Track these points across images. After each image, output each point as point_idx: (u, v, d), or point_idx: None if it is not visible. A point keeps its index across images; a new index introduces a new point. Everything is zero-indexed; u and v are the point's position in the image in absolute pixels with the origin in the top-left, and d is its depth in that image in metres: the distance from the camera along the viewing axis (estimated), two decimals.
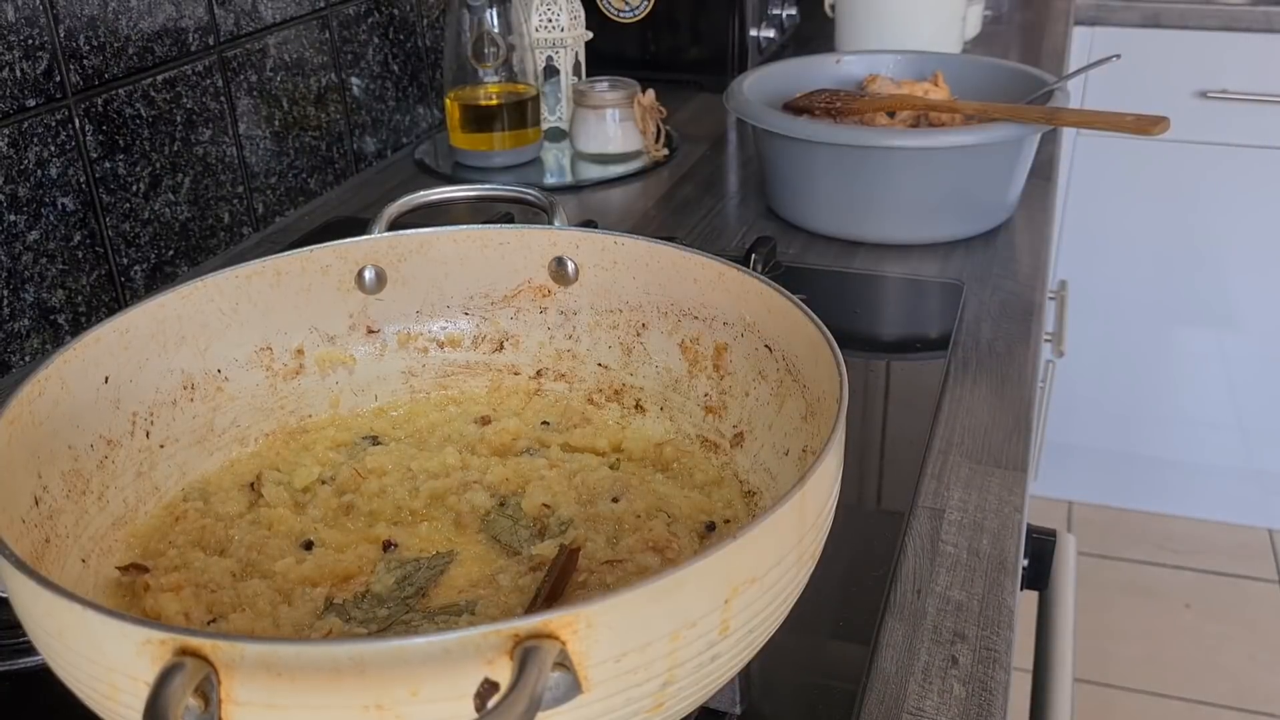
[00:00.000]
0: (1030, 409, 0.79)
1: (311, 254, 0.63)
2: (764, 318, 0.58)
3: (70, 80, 0.85)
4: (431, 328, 0.67)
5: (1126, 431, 2.22)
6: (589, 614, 0.34)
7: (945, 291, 0.95)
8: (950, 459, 0.73)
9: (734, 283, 0.60)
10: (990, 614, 0.60)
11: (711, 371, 0.62)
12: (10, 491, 0.46)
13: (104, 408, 0.55)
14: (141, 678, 0.35)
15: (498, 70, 1.20)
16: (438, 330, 0.67)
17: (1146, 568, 2.13)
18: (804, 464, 0.55)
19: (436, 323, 0.67)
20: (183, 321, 0.59)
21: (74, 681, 0.39)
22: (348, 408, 0.66)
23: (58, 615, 0.37)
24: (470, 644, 0.33)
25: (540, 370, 0.67)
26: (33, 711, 0.54)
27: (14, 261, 0.82)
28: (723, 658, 0.40)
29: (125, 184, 0.91)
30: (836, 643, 0.58)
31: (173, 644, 0.34)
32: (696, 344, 0.62)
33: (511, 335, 0.67)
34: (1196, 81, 1.93)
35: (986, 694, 0.55)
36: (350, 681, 0.34)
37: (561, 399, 0.66)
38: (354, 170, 1.23)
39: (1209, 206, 2.01)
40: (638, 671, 0.37)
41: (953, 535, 0.66)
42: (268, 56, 1.06)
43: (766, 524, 0.39)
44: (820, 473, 0.42)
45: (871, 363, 0.85)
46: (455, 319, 0.67)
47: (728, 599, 0.38)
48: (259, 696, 0.34)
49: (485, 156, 1.23)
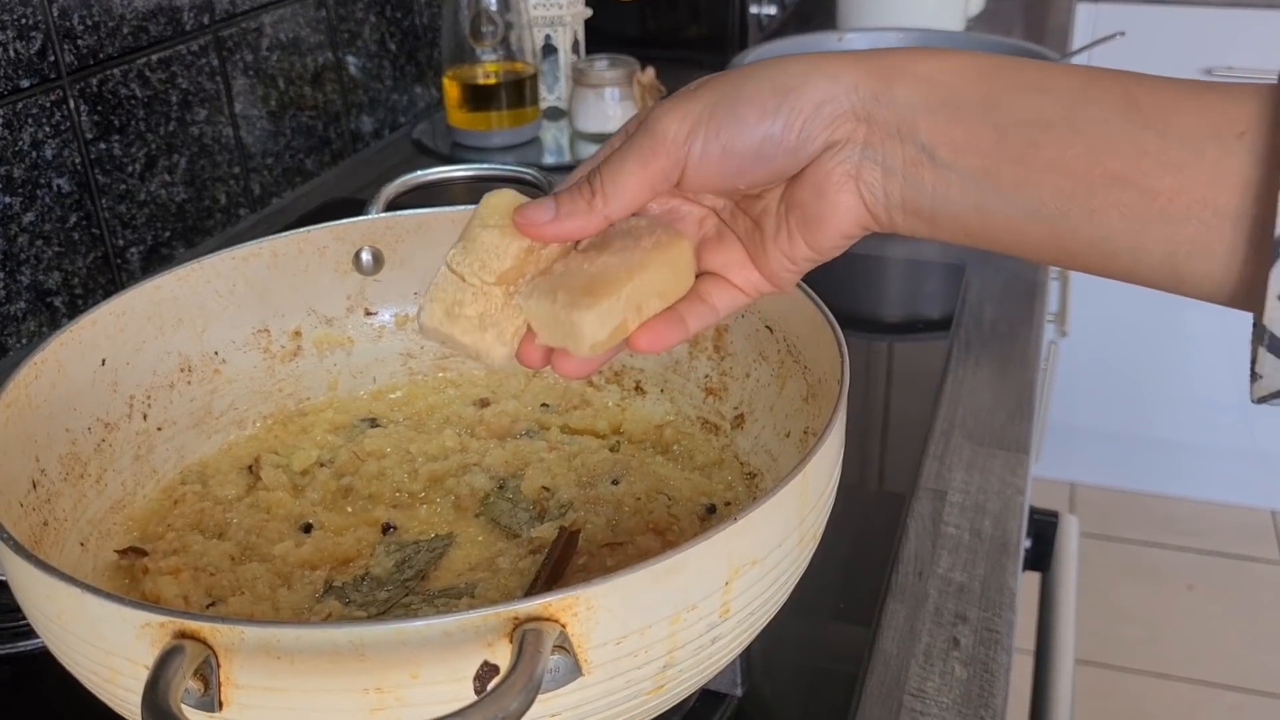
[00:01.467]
0: (1033, 390, 0.79)
1: (309, 235, 0.62)
2: (765, 299, 0.58)
3: (64, 60, 0.84)
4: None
5: (1129, 412, 2.22)
6: (589, 596, 0.34)
7: (948, 272, 0.95)
8: (952, 440, 0.72)
9: None
10: (992, 595, 0.60)
11: (712, 353, 0.62)
12: (8, 475, 0.46)
13: (101, 391, 0.54)
14: (141, 661, 0.35)
15: (496, 49, 1.19)
16: None
17: (1149, 549, 2.13)
18: (805, 446, 0.54)
19: None
20: (179, 304, 0.59)
21: (74, 665, 0.39)
22: (346, 390, 0.65)
23: (57, 599, 0.37)
24: (470, 627, 0.33)
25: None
26: (34, 695, 0.54)
27: (9, 244, 0.82)
28: (723, 640, 0.40)
29: (121, 165, 0.91)
30: (838, 625, 0.58)
31: (172, 627, 0.34)
32: None
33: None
34: (1202, 58, 1.92)
35: (988, 675, 0.55)
36: (349, 664, 0.34)
37: (560, 381, 0.66)
38: (351, 150, 1.22)
39: None
40: (638, 654, 0.36)
41: (955, 517, 0.66)
42: (263, 35, 1.06)
43: (767, 506, 0.39)
44: (821, 454, 0.42)
45: (874, 344, 0.84)
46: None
47: (728, 581, 0.38)
48: (258, 679, 0.34)
49: (483, 136, 1.22)
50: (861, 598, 0.59)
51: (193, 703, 0.34)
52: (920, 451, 0.71)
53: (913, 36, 1.19)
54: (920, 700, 0.53)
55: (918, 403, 0.76)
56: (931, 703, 0.53)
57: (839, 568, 0.61)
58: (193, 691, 0.34)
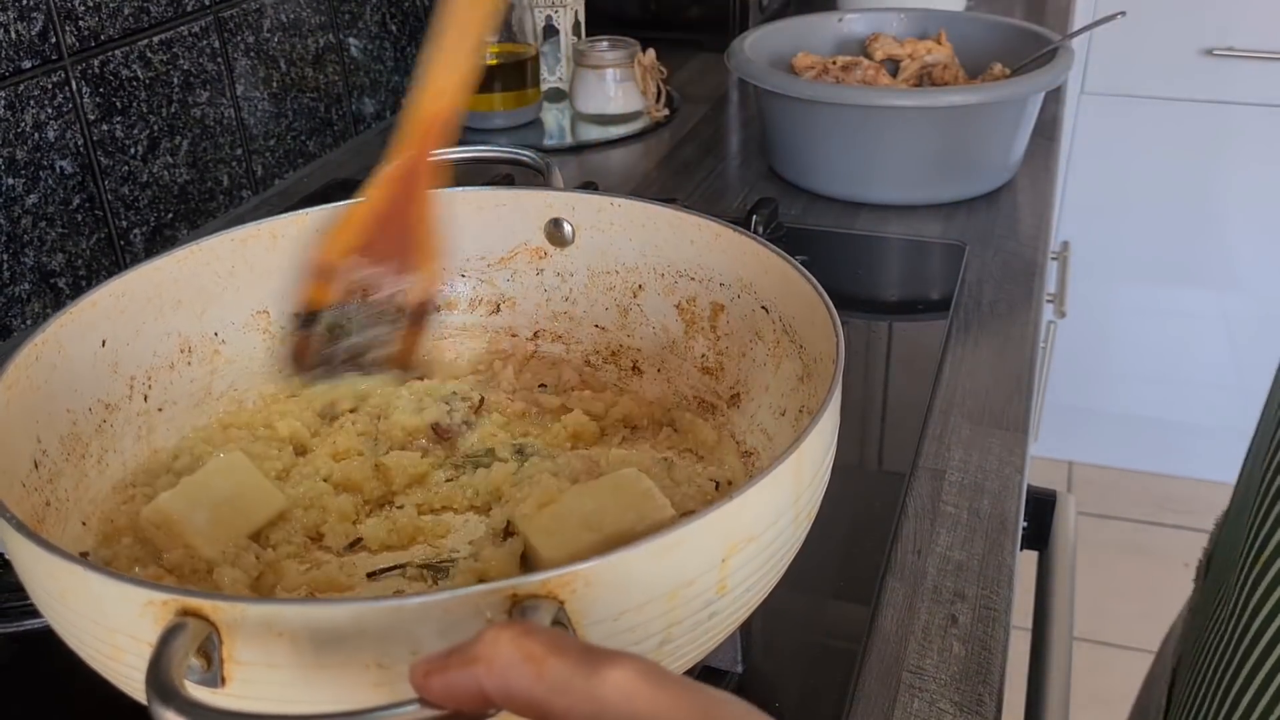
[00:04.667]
0: (1031, 370, 0.79)
1: (306, 217, 0.62)
2: (761, 278, 0.58)
3: (66, 42, 0.84)
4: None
5: (1127, 392, 2.22)
6: (587, 573, 0.35)
7: (947, 252, 0.95)
8: (951, 420, 0.73)
9: (731, 243, 0.59)
10: (990, 574, 0.60)
11: (708, 332, 0.62)
12: (10, 456, 0.47)
13: (101, 372, 0.54)
14: (145, 639, 0.35)
15: (496, 30, 1.19)
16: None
17: (1146, 527, 2.14)
18: (800, 424, 0.55)
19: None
20: (179, 285, 0.59)
21: (79, 644, 0.39)
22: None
23: (60, 577, 0.37)
24: (469, 602, 0.34)
25: (537, 332, 0.67)
26: (38, 674, 0.54)
27: (13, 225, 0.82)
28: (720, 616, 0.40)
29: (123, 146, 0.91)
30: (837, 602, 0.59)
31: (174, 605, 0.34)
32: (693, 305, 0.62)
33: (508, 297, 0.67)
34: (1202, 39, 1.91)
35: (986, 652, 0.55)
36: (351, 640, 0.34)
37: (559, 361, 0.66)
38: (353, 132, 1.22)
39: (1213, 166, 1.99)
40: (635, 630, 0.37)
41: (953, 496, 0.66)
42: (265, 17, 1.05)
43: (764, 483, 0.39)
44: (817, 432, 0.42)
45: (873, 324, 0.85)
46: (452, 281, 0.67)
47: (725, 558, 0.39)
48: (260, 656, 0.34)
49: (484, 117, 1.22)
50: (860, 576, 0.60)
51: (195, 679, 0.34)
52: (919, 431, 0.71)
53: (913, 17, 1.19)
54: (919, 676, 0.54)
55: (916, 382, 0.77)
56: (930, 679, 0.53)
57: (838, 546, 0.61)
58: (195, 668, 0.34)
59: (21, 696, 0.53)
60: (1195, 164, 2.00)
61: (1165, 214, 2.05)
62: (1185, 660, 0.58)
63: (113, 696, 0.40)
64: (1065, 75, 1.02)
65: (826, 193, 1.04)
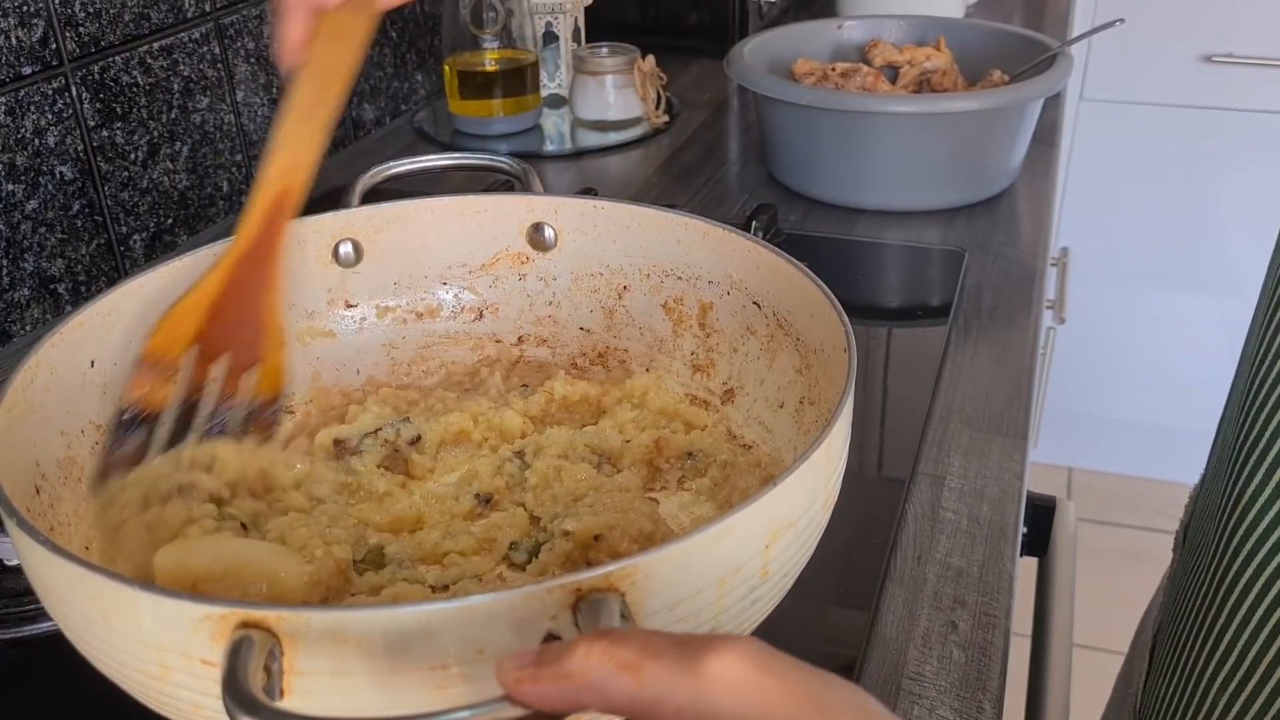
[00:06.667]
0: (1031, 376, 0.79)
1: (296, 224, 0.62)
2: (751, 274, 0.58)
3: (66, 48, 0.84)
4: (410, 299, 0.67)
5: (1127, 398, 2.22)
6: (646, 565, 0.35)
7: (947, 258, 0.95)
8: (951, 426, 0.73)
9: (719, 241, 0.60)
10: (990, 580, 0.60)
11: (697, 330, 0.62)
12: (14, 482, 0.45)
13: (91, 392, 0.53)
14: (197, 656, 0.34)
15: (496, 36, 1.19)
16: (416, 301, 0.67)
17: (1146, 533, 2.14)
18: (801, 415, 0.55)
19: (415, 294, 0.67)
20: (164, 302, 0.58)
21: (118, 666, 0.38)
22: (330, 381, 0.65)
23: (103, 599, 0.36)
24: (535, 600, 0.33)
25: (521, 337, 0.67)
26: (42, 679, 0.54)
27: (13, 231, 0.82)
28: (761, 601, 0.41)
29: (123, 152, 0.91)
30: (837, 609, 0.59)
31: (234, 618, 0.33)
32: (680, 304, 0.62)
33: (491, 303, 0.67)
34: (1201, 45, 1.92)
35: (985, 659, 0.55)
36: (418, 644, 0.33)
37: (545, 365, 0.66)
38: (353, 138, 1.22)
39: (1212, 173, 2.00)
40: (688, 619, 0.37)
41: (953, 502, 0.66)
42: (264, 23, 1.06)
43: (804, 469, 0.40)
44: (845, 414, 0.44)
45: (872, 330, 0.85)
46: (434, 289, 0.67)
47: (768, 544, 0.39)
48: (323, 665, 0.34)
49: (484, 123, 1.22)
50: (860, 582, 0.60)
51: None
52: (919, 437, 0.72)
53: (913, 23, 1.19)
54: (918, 683, 0.54)
55: (916, 389, 0.77)
56: (930, 685, 0.53)
57: (838, 553, 0.61)
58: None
59: (20, 703, 0.53)
60: (1194, 170, 2.00)
61: (1164, 220, 2.05)
62: (1166, 621, 0.58)
63: (111, 704, 0.39)
64: (1064, 82, 1.02)
65: (826, 199, 1.05)
